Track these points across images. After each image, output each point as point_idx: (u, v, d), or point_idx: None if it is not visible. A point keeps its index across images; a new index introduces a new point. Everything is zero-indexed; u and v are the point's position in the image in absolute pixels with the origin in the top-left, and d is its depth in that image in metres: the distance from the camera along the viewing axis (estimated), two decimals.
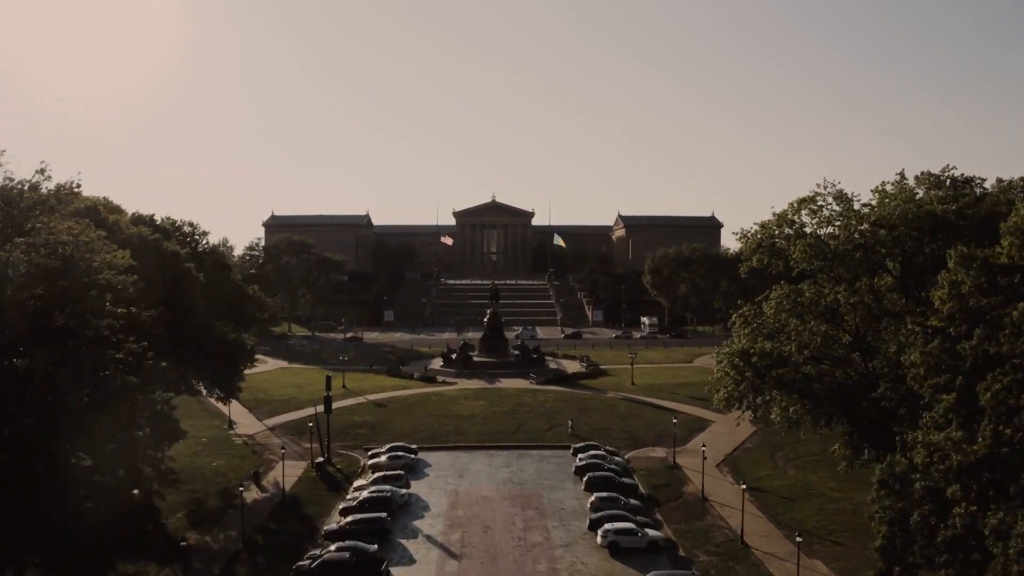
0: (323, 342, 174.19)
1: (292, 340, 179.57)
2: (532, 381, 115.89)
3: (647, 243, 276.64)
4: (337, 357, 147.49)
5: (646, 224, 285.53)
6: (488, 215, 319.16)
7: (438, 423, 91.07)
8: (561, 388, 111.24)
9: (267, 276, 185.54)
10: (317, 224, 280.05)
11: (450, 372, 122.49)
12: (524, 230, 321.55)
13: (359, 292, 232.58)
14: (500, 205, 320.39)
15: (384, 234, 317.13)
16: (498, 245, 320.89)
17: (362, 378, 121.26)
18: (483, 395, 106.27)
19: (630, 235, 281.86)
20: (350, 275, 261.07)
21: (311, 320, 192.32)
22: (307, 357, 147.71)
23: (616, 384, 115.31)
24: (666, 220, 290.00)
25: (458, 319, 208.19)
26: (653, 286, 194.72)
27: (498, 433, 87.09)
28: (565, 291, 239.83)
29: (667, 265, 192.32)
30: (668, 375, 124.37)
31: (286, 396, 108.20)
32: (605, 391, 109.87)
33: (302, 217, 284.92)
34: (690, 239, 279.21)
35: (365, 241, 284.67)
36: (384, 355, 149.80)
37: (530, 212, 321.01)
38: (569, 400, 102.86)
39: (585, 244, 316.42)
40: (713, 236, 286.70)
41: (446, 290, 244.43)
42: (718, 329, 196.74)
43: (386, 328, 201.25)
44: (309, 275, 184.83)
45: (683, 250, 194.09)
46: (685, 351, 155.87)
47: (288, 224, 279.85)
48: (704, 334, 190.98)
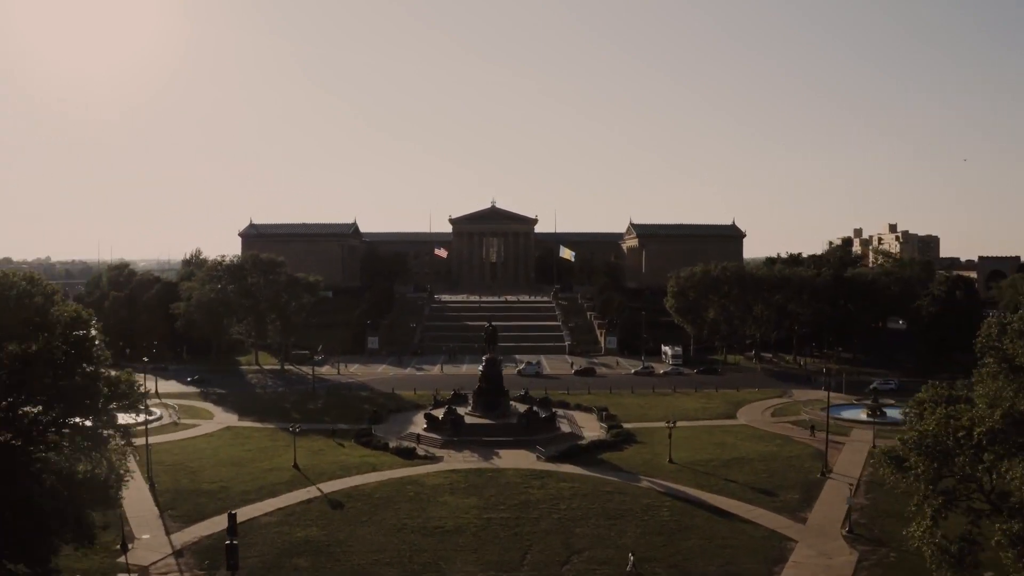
0: (291, 381, 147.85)
1: (256, 377, 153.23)
2: (540, 457, 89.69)
3: (662, 254, 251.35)
4: (303, 406, 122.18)
5: (661, 234, 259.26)
6: (487, 222, 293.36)
7: (410, 545, 64.84)
8: (578, 470, 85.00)
9: (229, 300, 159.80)
10: (298, 234, 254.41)
11: (435, 440, 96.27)
12: (526, 238, 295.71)
13: (344, 311, 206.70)
14: (500, 211, 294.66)
15: (376, 242, 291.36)
16: (498, 255, 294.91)
17: (322, 447, 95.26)
18: (476, 485, 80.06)
19: (643, 245, 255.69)
20: (335, 291, 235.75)
21: (283, 349, 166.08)
22: (265, 407, 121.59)
23: (649, 461, 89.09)
24: (683, 229, 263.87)
25: (452, 347, 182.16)
26: (677, 311, 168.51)
27: (496, 567, 60.96)
28: (573, 311, 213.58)
29: (693, 287, 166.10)
30: (712, 443, 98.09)
31: (217, 483, 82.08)
32: (636, 475, 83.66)
33: (282, 226, 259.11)
34: (710, 250, 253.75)
35: (353, 252, 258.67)
36: (359, 403, 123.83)
37: (533, 219, 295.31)
38: (591, 495, 76.64)
39: (593, 254, 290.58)
40: (734, 247, 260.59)
41: (439, 309, 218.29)
42: (751, 360, 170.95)
43: (369, 358, 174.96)
44: (278, 298, 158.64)
45: (711, 269, 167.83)
46: (723, 397, 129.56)
47: (266, 234, 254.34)
48: (737, 367, 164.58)
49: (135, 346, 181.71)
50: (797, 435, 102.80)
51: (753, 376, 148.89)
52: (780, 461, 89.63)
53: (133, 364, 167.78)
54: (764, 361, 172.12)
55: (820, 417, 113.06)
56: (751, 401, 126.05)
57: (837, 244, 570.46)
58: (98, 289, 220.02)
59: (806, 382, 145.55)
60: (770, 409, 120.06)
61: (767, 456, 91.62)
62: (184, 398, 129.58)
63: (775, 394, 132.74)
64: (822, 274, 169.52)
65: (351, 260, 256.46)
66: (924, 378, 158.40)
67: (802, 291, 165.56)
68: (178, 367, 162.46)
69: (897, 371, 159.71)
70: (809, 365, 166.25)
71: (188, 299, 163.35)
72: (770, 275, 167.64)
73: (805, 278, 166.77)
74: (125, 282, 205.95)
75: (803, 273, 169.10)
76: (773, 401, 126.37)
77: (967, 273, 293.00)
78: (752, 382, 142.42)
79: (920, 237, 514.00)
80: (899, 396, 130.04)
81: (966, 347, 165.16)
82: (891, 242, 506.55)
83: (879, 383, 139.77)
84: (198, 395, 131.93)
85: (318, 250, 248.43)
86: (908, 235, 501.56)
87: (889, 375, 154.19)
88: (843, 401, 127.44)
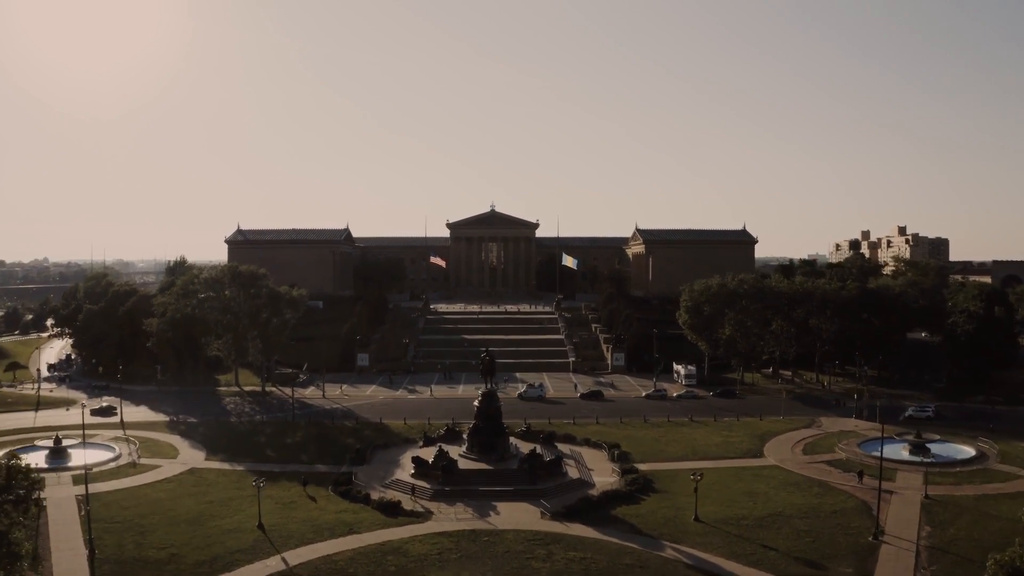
0: (271, 406, 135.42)
1: (233, 402, 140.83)
2: (545, 514, 77.36)
3: (669, 261, 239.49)
4: (280, 439, 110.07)
5: (668, 239, 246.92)
6: (487, 227, 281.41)
7: None
8: (590, 532, 72.67)
9: (205, 317, 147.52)
10: (288, 241, 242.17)
11: (424, 489, 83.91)
12: (527, 244, 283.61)
13: (335, 322, 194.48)
14: (500, 215, 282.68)
15: (371, 247, 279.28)
16: (498, 260, 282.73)
17: (295, 498, 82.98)
18: (469, 555, 67.74)
19: (650, 252, 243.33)
20: (326, 301, 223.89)
21: (265, 370, 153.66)
22: (238, 442, 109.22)
23: (672, 519, 76.71)
24: (691, 235, 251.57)
25: (448, 364, 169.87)
26: (691, 328, 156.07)
27: None
28: (577, 323, 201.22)
29: (708, 301, 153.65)
30: (742, 492, 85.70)
31: (168, 549, 69.66)
32: (658, 540, 71.32)
33: (271, 232, 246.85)
34: (720, 257, 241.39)
35: (345, 259, 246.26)
36: (342, 437, 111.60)
37: (534, 223, 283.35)
38: (607, 571, 64.32)
39: (596, 259, 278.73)
40: (746, 254, 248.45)
41: (435, 321, 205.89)
42: (771, 380, 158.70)
43: (358, 377, 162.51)
44: (258, 315, 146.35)
45: (728, 282, 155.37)
46: (745, 428, 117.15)
47: (254, 240, 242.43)
48: (755, 388, 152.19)
49: (109, 364, 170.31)
50: (836, 480, 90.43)
51: (775, 400, 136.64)
52: (823, 518, 77.28)
53: (106, 383, 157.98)
54: (784, 380, 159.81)
55: (857, 455, 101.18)
56: (777, 433, 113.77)
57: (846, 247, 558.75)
58: (75, 299, 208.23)
59: (833, 407, 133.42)
60: (800, 444, 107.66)
61: (807, 511, 79.28)
62: (150, 429, 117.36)
63: (802, 423, 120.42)
64: (846, 287, 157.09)
65: (343, 267, 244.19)
66: (959, 401, 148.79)
67: (825, 305, 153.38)
68: (150, 388, 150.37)
69: (928, 392, 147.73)
70: (833, 385, 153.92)
71: (162, 315, 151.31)
72: (791, 288, 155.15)
73: (828, 291, 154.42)
74: (102, 293, 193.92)
75: (826, 286, 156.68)
76: (802, 433, 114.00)
77: (981, 278, 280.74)
78: (774, 407, 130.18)
79: (930, 240, 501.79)
80: (938, 426, 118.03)
81: (1006, 366, 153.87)
82: (901, 245, 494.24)
83: (914, 410, 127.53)
84: (166, 426, 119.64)
85: (308, 257, 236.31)
86: (919, 238, 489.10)
87: (921, 397, 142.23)
88: (878, 433, 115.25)
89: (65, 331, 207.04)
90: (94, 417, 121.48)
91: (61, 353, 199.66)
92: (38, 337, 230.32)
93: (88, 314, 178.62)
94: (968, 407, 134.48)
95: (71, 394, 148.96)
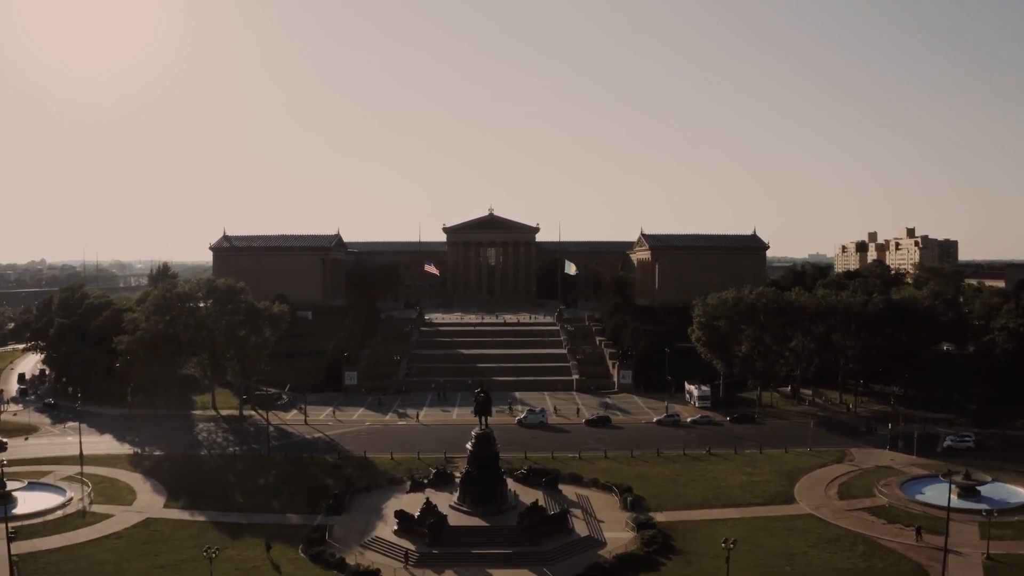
0: (247, 435, 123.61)
1: (207, 429, 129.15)
2: None
3: (677, 268, 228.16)
4: (251, 478, 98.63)
5: (676, 245, 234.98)
6: (485, 231, 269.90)
7: None
8: None
9: (178, 336, 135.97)
10: (275, 247, 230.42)
11: (408, 552, 72.21)
12: (527, 248, 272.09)
13: (324, 334, 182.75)
14: (499, 219, 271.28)
15: (365, 252, 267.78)
16: (497, 265, 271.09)
17: (257, 561, 71.45)
18: None
19: (656, 258, 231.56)
20: (315, 311, 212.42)
21: (243, 392, 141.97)
22: (204, 482, 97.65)
23: None
24: (699, 240, 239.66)
25: (442, 382, 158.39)
26: (705, 345, 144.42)
27: None
28: (581, 336, 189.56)
29: (723, 316, 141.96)
30: (776, 552, 74.04)
31: None
32: None
33: (258, 238, 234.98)
34: (730, 264, 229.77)
35: (336, 266, 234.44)
36: (321, 476, 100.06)
37: (534, 227, 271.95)
38: None
39: (599, 265, 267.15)
40: (756, 260, 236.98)
41: (429, 333, 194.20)
42: (790, 401, 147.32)
43: (345, 399, 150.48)
44: (235, 332, 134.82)
45: (744, 296, 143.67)
46: (770, 463, 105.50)
47: (241, 247, 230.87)
48: (775, 410, 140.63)
49: (81, 384, 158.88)
50: (882, 535, 78.85)
51: (798, 427, 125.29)
52: None
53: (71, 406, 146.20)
54: (805, 401, 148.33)
55: (901, 500, 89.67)
56: (806, 469, 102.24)
57: (852, 248, 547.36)
58: (49, 312, 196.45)
59: (863, 435, 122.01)
60: (834, 484, 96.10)
61: None
62: (112, 464, 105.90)
63: (832, 457, 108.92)
64: (872, 300, 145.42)
65: (334, 275, 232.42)
66: (999, 427, 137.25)
67: (849, 320, 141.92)
68: (121, 412, 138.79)
69: (961, 415, 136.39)
70: (858, 407, 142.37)
71: (133, 332, 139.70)
72: (814, 302, 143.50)
73: (853, 305, 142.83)
74: (76, 305, 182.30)
75: (851, 299, 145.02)
76: (833, 470, 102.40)
77: (994, 283, 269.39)
78: (798, 435, 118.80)
79: (939, 242, 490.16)
80: (981, 458, 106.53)
81: None
82: (910, 247, 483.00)
83: (953, 440, 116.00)
84: (128, 461, 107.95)
85: (297, 265, 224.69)
86: (928, 240, 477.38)
87: (956, 422, 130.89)
88: (916, 466, 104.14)
89: (40, 345, 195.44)
90: (54, 444, 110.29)
91: (36, 369, 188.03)
92: (13, 350, 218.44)
93: (60, 328, 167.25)
94: (1010, 435, 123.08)
95: (35, 418, 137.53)
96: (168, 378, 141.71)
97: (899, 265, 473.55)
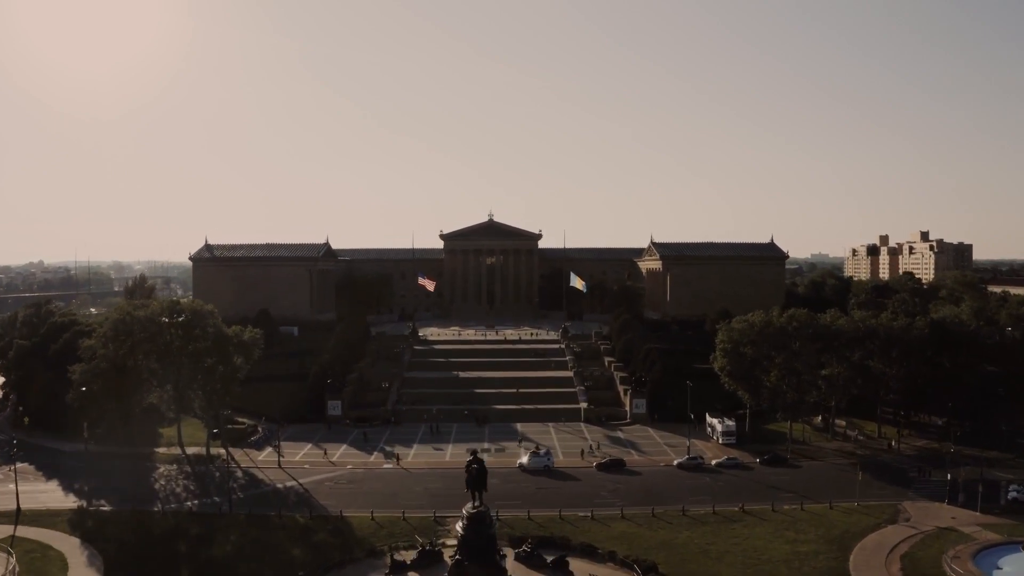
0: (209, 484, 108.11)
1: (167, 472, 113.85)
2: None
3: (690, 279, 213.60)
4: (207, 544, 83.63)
5: (688, 254, 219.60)
6: (484, 238, 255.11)
7: None
8: None
9: (136, 366, 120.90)
10: (259, 257, 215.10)
11: None
12: (529, 256, 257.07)
13: (308, 354, 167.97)
14: (499, 225, 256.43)
15: (357, 261, 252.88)
16: (497, 274, 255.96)
17: None
18: None
19: (668, 269, 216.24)
20: (302, 327, 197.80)
21: (212, 425, 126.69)
22: (149, 555, 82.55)
23: None
24: (713, 249, 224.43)
25: (436, 413, 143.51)
26: (730, 375, 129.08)
27: None
28: (588, 355, 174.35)
29: (751, 341, 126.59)
30: None
31: None
32: None
33: (241, 247, 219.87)
34: (746, 274, 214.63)
35: (324, 277, 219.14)
36: (287, 543, 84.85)
37: (536, 234, 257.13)
38: None
39: (605, 273, 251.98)
40: (775, 271, 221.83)
41: (423, 352, 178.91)
42: (820, 435, 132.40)
43: (328, 433, 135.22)
44: (199, 362, 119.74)
45: (774, 318, 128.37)
46: (814, 523, 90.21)
47: (222, 257, 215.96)
48: (806, 446, 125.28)
49: (37, 414, 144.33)
50: None
51: (837, 469, 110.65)
52: None
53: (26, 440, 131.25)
54: (838, 435, 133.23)
55: None
56: (858, 533, 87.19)
57: (863, 252, 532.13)
58: (13, 330, 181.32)
59: (913, 482, 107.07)
60: (895, 556, 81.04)
61: None
62: (50, 523, 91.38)
63: (885, 514, 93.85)
64: (915, 323, 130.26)
65: (322, 287, 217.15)
66: None
67: (890, 345, 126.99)
68: (78, 448, 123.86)
69: (1012, 450, 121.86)
70: (901, 442, 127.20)
71: (89, 360, 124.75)
72: (852, 326, 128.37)
73: (895, 329, 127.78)
74: (40, 323, 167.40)
75: (891, 322, 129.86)
76: (890, 534, 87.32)
77: (1018, 290, 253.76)
78: (841, 483, 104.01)
79: (954, 246, 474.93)
80: None
81: None
82: (924, 252, 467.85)
83: (1018, 491, 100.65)
84: (68, 523, 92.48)
85: (282, 277, 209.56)
86: (943, 244, 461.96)
87: (1013, 462, 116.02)
88: (982, 525, 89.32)
89: None
90: None
91: None
92: None
93: (19, 350, 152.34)
94: None
95: None
96: (129, 410, 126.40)
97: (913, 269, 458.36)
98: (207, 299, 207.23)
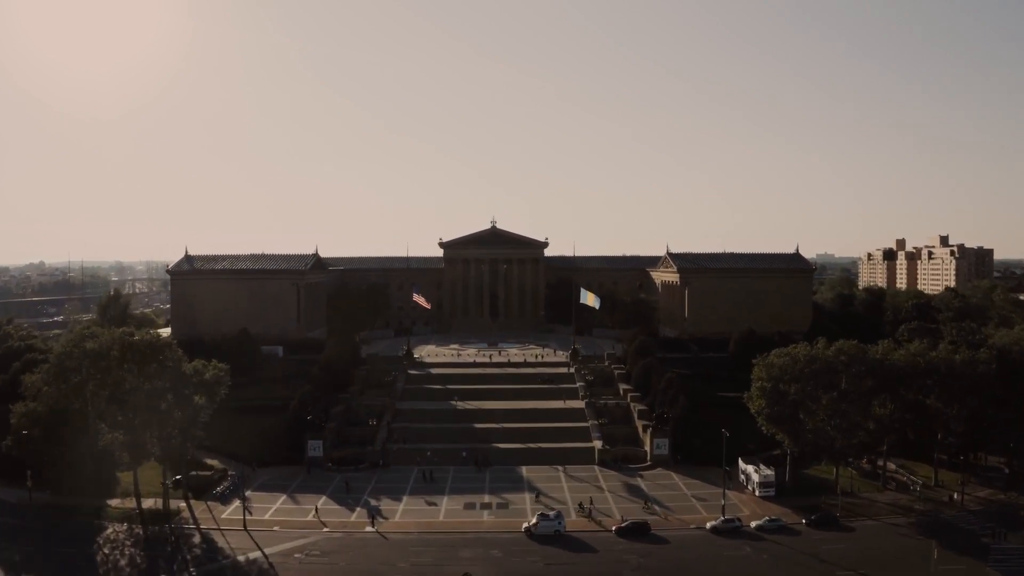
0: (160, 553, 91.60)
1: (112, 543, 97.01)
2: None
3: (709, 293, 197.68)
4: None
5: (708, 266, 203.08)
6: (486, 246, 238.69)
7: None
8: None
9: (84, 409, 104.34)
10: (242, 270, 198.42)
11: None
12: (534, 266, 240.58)
13: (292, 380, 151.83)
14: (502, 233, 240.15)
15: (351, 270, 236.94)
16: (501, 285, 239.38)
17: None
18: None
19: (686, 282, 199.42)
20: (288, 347, 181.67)
21: (169, 476, 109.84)
22: None
23: None
24: (734, 260, 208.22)
25: (430, 456, 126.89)
26: (769, 419, 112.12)
27: None
28: (601, 382, 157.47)
29: (794, 379, 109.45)
30: None
31: None
32: None
33: (223, 258, 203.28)
34: (772, 289, 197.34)
35: (313, 291, 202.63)
36: None
37: (542, 242, 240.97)
38: None
39: (615, 284, 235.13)
40: (802, 285, 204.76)
41: (418, 378, 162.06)
42: (869, 483, 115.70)
43: (305, 481, 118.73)
44: (156, 404, 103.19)
45: (819, 351, 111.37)
46: None
47: (203, 270, 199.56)
48: (857, 504, 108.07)
49: None
50: None
51: (898, 533, 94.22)
52: None
53: None
54: (890, 482, 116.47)
55: None
56: None
57: (879, 256, 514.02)
58: None
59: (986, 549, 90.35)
60: None
61: None
62: None
63: None
64: (979, 356, 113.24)
65: (311, 301, 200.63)
66: None
67: (953, 382, 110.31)
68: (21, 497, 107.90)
69: None
70: (964, 496, 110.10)
71: (33, 399, 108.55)
72: (909, 359, 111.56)
73: (957, 364, 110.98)
74: None
75: (951, 355, 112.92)
76: None
77: None
78: (904, 552, 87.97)
79: (975, 251, 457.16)
80: None
81: None
82: (944, 257, 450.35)
83: None
84: None
85: (267, 292, 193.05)
86: (964, 249, 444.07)
87: None
88: None
89: None
90: None
91: None
92: None
93: None
94: None
95: None
96: (77, 458, 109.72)
97: (933, 276, 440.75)
98: (187, 316, 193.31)
